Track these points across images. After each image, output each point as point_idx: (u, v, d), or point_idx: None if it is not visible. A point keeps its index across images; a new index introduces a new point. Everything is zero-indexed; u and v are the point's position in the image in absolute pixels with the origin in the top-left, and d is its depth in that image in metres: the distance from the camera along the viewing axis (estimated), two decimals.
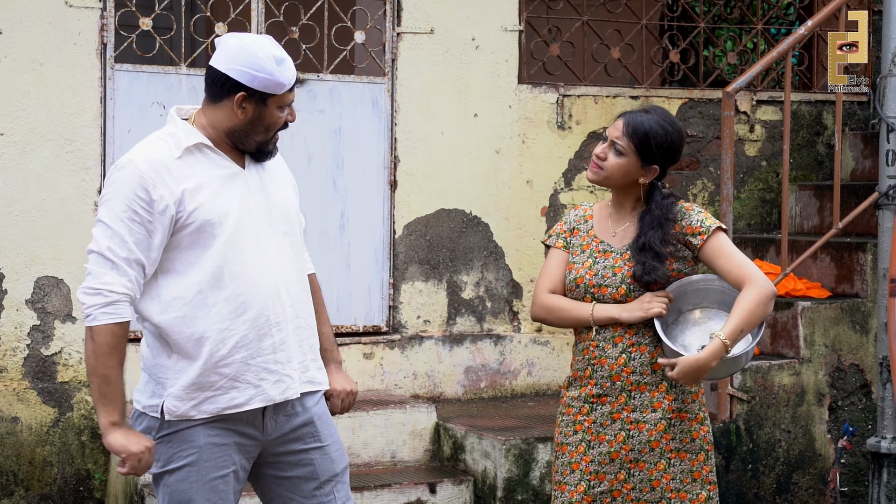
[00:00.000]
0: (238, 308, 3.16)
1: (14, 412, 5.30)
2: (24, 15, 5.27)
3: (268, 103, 3.18)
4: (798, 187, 6.55)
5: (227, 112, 3.19)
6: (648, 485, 3.48)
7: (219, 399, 3.18)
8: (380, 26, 5.89)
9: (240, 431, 3.23)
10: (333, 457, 3.37)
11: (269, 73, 3.13)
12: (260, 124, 3.20)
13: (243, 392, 3.19)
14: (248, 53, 3.13)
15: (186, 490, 3.18)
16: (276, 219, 3.30)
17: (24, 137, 5.29)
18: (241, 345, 3.17)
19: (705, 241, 3.50)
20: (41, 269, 5.33)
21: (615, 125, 3.52)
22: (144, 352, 3.32)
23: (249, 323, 3.17)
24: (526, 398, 6.04)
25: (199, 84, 5.60)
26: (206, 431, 3.19)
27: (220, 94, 3.18)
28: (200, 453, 3.18)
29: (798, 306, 5.65)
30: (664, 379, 3.50)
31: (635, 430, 3.49)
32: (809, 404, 5.63)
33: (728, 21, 6.91)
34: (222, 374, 3.17)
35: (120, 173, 3.19)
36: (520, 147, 6.08)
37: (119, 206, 3.17)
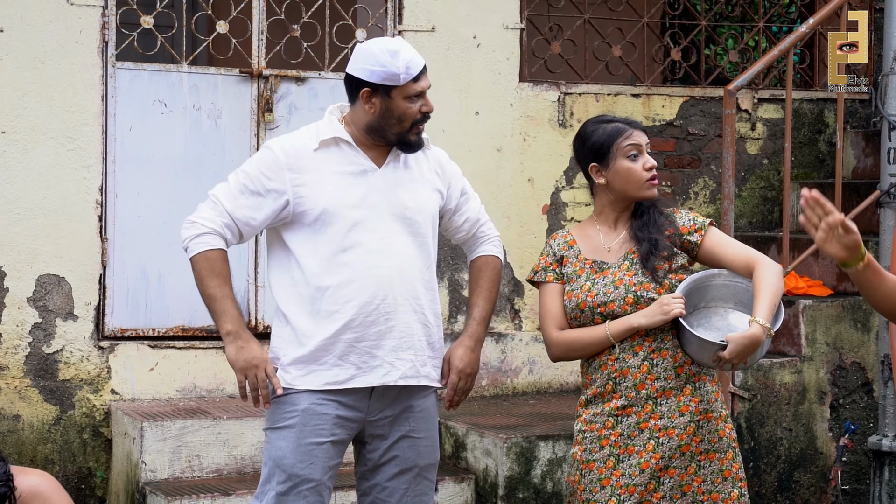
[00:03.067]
0: (348, 294, 3.39)
1: (16, 410, 5.30)
2: (25, 13, 5.27)
3: (392, 95, 3.40)
4: (799, 185, 6.54)
5: (360, 110, 3.44)
6: (679, 491, 3.45)
7: (322, 374, 3.40)
8: (381, 24, 5.89)
9: (344, 404, 3.42)
10: (421, 450, 3.53)
11: (382, 65, 3.37)
12: (391, 116, 3.42)
13: (345, 371, 3.41)
14: (366, 52, 3.43)
15: (283, 448, 3.40)
16: (401, 217, 3.46)
17: (25, 135, 5.29)
18: (348, 327, 3.40)
19: (703, 236, 3.51)
20: (43, 266, 5.33)
21: (636, 135, 3.54)
22: (273, 322, 3.56)
23: (358, 308, 3.39)
24: (527, 396, 6.04)
25: (200, 82, 5.62)
26: (311, 398, 3.40)
27: (352, 95, 3.46)
28: (302, 417, 3.40)
29: (799, 304, 5.65)
30: (688, 382, 3.48)
31: (664, 436, 3.45)
32: (811, 402, 5.63)
33: (729, 19, 6.91)
34: (328, 352, 3.40)
35: (261, 151, 3.51)
36: (521, 145, 6.08)
37: (245, 175, 3.46)
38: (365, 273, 3.39)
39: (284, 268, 3.45)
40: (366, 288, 3.39)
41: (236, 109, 5.63)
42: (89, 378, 5.40)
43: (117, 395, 5.43)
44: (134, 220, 5.47)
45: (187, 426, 5.05)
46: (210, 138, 5.59)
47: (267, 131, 5.66)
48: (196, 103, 5.57)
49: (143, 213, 5.48)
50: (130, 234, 5.47)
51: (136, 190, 5.48)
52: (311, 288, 3.40)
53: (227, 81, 5.63)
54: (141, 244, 5.48)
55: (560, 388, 6.12)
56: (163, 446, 5.00)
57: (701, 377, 3.52)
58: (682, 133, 6.43)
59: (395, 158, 3.49)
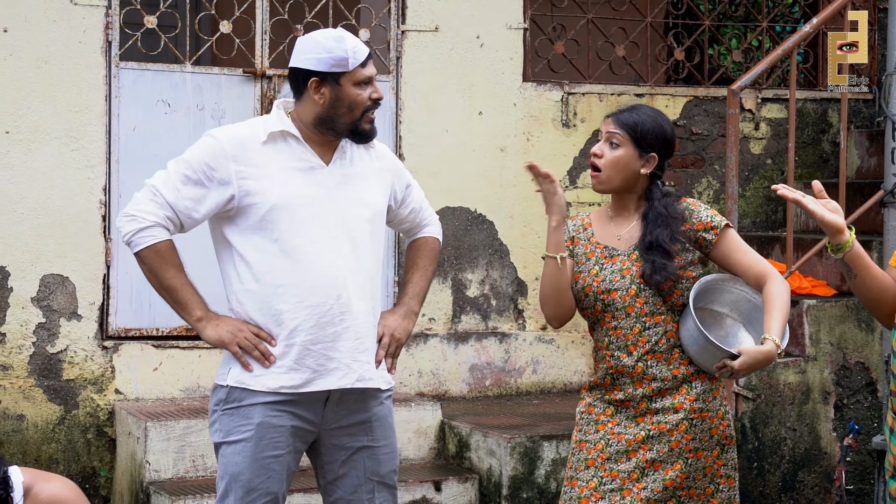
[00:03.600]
0: (300, 294, 3.31)
1: (20, 410, 5.30)
2: (29, 13, 5.28)
3: (341, 82, 3.31)
4: (803, 185, 6.53)
5: (309, 103, 3.33)
6: (661, 485, 3.45)
7: (279, 377, 3.31)
8: (384, 24, 5.89)
9: (298, 415, 3.34)
10: (381, 458, 3.47)
11: (329, 51, 3.28)
12: (341, 105, 3.32)
13: (301, 374, 3.32)
14: (309, 41, 3.34)
15: (239, 464, 3.31)
16: (349, 217, 3.39)
17: (29, 135, 5.29)
18: (301, 329, 3.31)
19: (718, 236, 3.48)
20: (46, 266, 5.33)
21: (606, 122, 3.56)
22: None
23: (310, 310, 3.31)
24: (531, 396, 6.04)
25: (203, 82, 5.62)
26: (265, 411, 3.31)
27: (299, 88, 3.35)
28: (257, 430, 3.31)
29: (803, 304, 5.65)
30: (685, 381, 3.48)
31: (656, 430, 3.47)
32: (815, 402, 5.63)
33: (733, 19, 6.90)
34: (284, 355, 3.32)
35: (203, 139, 3.41)
36: (524, 145, 6.08)
37: (186, 163, 3.39)
38: (317, 272, 3.30)
39: (230, 264, 3.36)
40: (319, 288, 3.30)
41: (240, 109, 5.63)
42: (93, 378, 5.40)
43: (121, 395, 5.43)
44: None
45: (191, 426, 5.05)
46: None
47: None
48: (199, 103, 5.57)
49: None
50: None
51: (139, 190, 5.46)
52: (261, 286, 3.31)
53: (230, 81, 5.63)
54: None
55: (564, 388, 6.12)
56: (167, 446, 5.00)
57: (699, 376, 3.51)
58: (685, 133, 6.43)
59: (342, 155, 3.41)
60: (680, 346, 3.48)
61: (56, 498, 2.95)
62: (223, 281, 3.40)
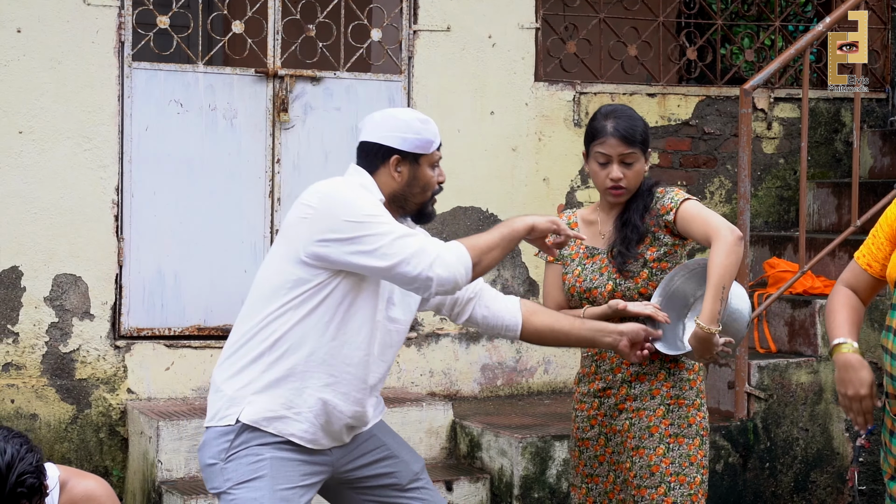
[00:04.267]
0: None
1: (33, 409, 5.32)
2: (42, 13, 5.29)
3: (420, 162, 3.37)
4: (816, 185, 6.52)
5: (384, 179, 3.35)
6: (648, 471, 3.55)
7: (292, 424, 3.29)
8: (396, 24, 5.89)
9: (306, 451, 3.31)
10: (407, 459, 3.49)
11: (417, 133, 3.33)
12: (416, 185, 3.37)
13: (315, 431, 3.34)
14: (394, 119, 3.36)
15: (258, 498, 3.23)
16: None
17: (42, 135, 5.31)
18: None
19: (676, 213, 3.53)
20: (59, 266, 5.35)
21: (607, 144, 3.55)
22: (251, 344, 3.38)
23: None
24: (542, 396, 6.04)
25: (215, 82, 5.63)
26: (272, 451, 3.26)
27: (376, 163, 3.36)
28: (270, 466, 3.25)
29: (816, 304, 5.63)
30: (663, 368, 3.58)
31: (636, 416, 3.57)
32: (827, 402, 5.61)
33: (745, 18, 6.89)
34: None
35: (364, 195, 3.28)
36: (536, 145, 6.08)
37: (380, 216, 3.25)
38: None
39: (324, 311, 3.26)
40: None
41: (252, 109, 5.64)
42: (106, 377, 5.42)
43: (133, 395, 5.45)
44: (150, 220, 5.49)
45: (203, 425, 5.05)
46: (225, 138, 5.60)
47: (282, 131, 5.66)
48: (212, 103, 5.58)
49: (159, 213, 5.50)
50: (146, 234, 5.48)
51: (152, 190, 5.49)
52: (342, 344, 3.28)
53: (242, 81, 5.64)
54: (157, 244, 5.49)
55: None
56: (179, 445, 5.01)
57: (678, 365, 3.61)
58: (697, 132, 6.42)
59: (413, 222, 3.48)
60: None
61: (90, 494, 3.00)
62: (281, 305, 3.29)
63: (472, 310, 3.53)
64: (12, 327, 5.29)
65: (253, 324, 3.33)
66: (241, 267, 5.61)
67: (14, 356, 5.30)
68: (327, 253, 3.19)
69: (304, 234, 3.23)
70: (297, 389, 3.25)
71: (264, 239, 5.65)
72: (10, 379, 5.29)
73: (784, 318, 5.77)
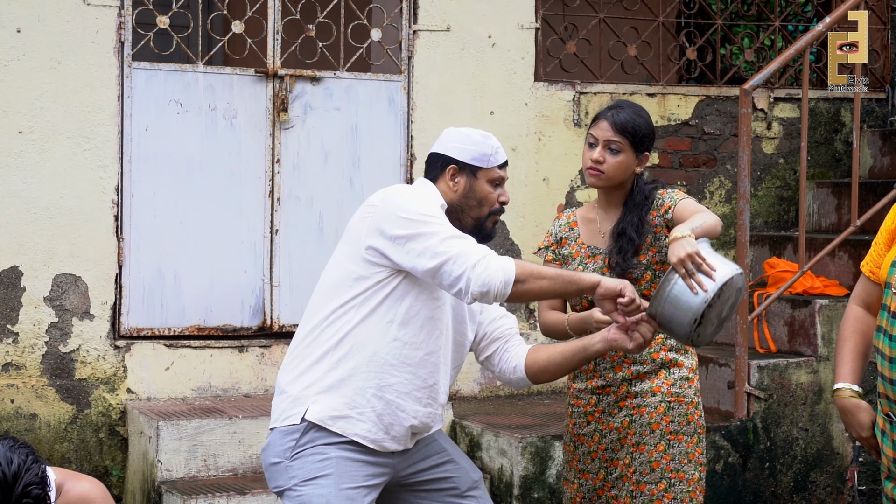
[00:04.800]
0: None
1: (32, 409, 5.32)
2: (42, 13, 5.29)
3: (478, 176, 3.41)
4: (816, 185, 6.53)
5: (442, 188, 3.42)
6: (649, 466, 3.58)
7: (356, 424, 3.33)
8: (396, 24, 5.89)
9: (370, 452, 3.34)
10: (467, 467, 3.53)
11: (475, 144, 3.39)
12: (472, 198, 3.41)
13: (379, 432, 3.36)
14: (457, 132, 3.46)
15: (325, 495, 3.27)
16: (458, 305, 3.47)
17: (42, 135, 5.31)
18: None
19: (673, 210, 3.55)
20: (59, 266, 5.35)
21: (599, 126, 3.61)
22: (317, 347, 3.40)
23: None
24: (542, 396, 6.04)
25: (215, 82, 5.63)
26: (338, 450, 3.29)
27: (436, 173, 3.44)
28: (335, 465, 3.28)
29: (815, 304, 5.63)
30: (663, 367, 3.61)
31: (637, 413, 3.60)
32: (827, 402, 5.61)
33: (745, 18, 6.89)
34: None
35: (427, 195, 3.36)
36: (536, 145, 6.08)
37: (433, 206, 3.32)
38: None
39: (385, 310, 3.31)
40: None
41: (251, 109, 5.64)
42: (105, 377, 5.42)
43: (133, 395, 5.45)
44: (150, 220, 5.49)
45: (203, 425, 5.06)
46: (225, 138, 5.61)
47: (282, 131, 5.67)
48: (211, 103, 5.58)
49: (159, 213, 5.50)
50: (146, 234, 5.48)
51: (151, 190, 5.49)
52: (401, 345, 3.32)
53: (242, 81, 5.64)
54: (157, 244, 5.50)
55: None
56: (178, 445, 5.01)
57: (677, 363, 3.63)
58: (697, 132, 6.42)
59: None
60: (660, 332, 3.52)
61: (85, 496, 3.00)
62: (348, 305, 3.32)
63: (495, 350, 3.55)
64: (12, 327, 5.29)
65: (316, 322, 3.35)
66: (241, 267, 5.61)
67: (14, 356, 5.30)
68: (384, 250, 3.25)
69: (364, 231, 3.29)
70: (360, 389, 3.29)
71: (264, 239, 5.65)
72: (9, 379, 5.29)
73: (784, 318, 5.77)
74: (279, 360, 5.63)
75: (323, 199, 5.74)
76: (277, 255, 5.64)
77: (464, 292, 3.19)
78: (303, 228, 5.70)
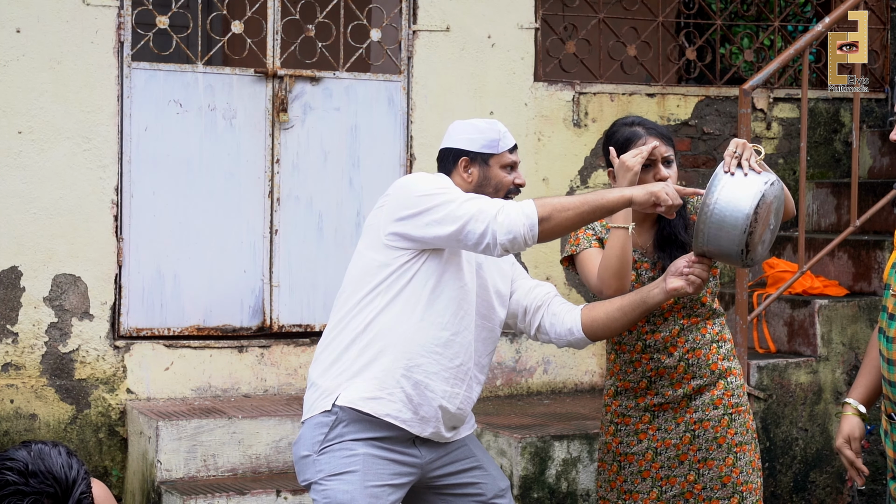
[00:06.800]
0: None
1: (32, 409, 5.32)
2: (41, 13, 5.29)
3: (490, 164, 3.43)
4: (815, 185, 6.53)
5: (458, 180, 3.45)
6: (719, 482, 3.51)
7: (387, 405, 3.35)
8: (396, 24, 5.89)
9: (398, 450, 3.35)
10: (495, 475, 3.53)
11: (482, 132, 3.42)
12: (488, 185, 3.44)
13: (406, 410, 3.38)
14: (463, 124, 3.50)
15: (349, 491, 3.28)
16: (484, 287, 3.49)
17: (42, 135, 5.31)
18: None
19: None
20: (59, 266, 5.35)
21: (650, 143, 3.47)
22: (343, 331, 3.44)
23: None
24: (542, 396, 6.04)
25: (215, 82, 5.63)
26: (365, 447, 3.31)
27: (448, 168, 3.47)
28: (362, 462, 3.30)
29: (815, 304, 5.64)
30: (721, 377, 3.54)
31: (700, 429, 3.52)
32: (827, 402, 5.62)
33: (745, 18, 6.89)
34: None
35: (445, 180, 3.42)
36: (536, 145, 6.08)
37: (446, 181, 3.40)
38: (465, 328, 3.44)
39: (410, 292, 3.34)
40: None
41: (251, 109, 5.64)
42: (105, 377, 5.42)
43: (133, 395, 5.45)
44: (149, 220, 5.49)
45: (202, 425, 5.06)
46: (225, 138, 5.61)
47: (282, 131, 5.67)
48: (211, 103, 5.58)
49: (159, 213, 5.50)
50: (146, 234, 5.48)
51: (151, 190, 5.50)
52: (433, 327, 3.35)
53: (241, 81, 5.64)
54: (156, 244, 5.50)
55: (575, 388, 6.12)
56: (178, 445, 5.01)
57: (731, 371, 3.57)
58: (697, 132, 6.42)
59: None
60: (716, 341, 3.51)
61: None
62: (371, 289, 3.36)
63: (542, 318, 3.54)
64: (12, 327, 5.30)
65: (343, 314, 3.39)
66: (240, 267, 5.62)
67: (13, 356, 5.30)
68: (406, 230, 3.28)
69: (383, 219, 3.33)
70: (389, 371, 3.31)
71: (264, 239, 5.65)
72: (9, 379, 5.29)
73: (783, 318, 5.78)
74: (279, 360, 5.64)
75: (323, 199, 5.74)
76: (277, 255, 5.64)
77: (492, 246, 3.20)
78: (302, 228, 5.70)
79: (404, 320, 3.31)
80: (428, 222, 3.25)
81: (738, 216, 3.17)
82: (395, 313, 3.31)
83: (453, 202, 3.25)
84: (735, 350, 3.69)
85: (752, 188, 3.16)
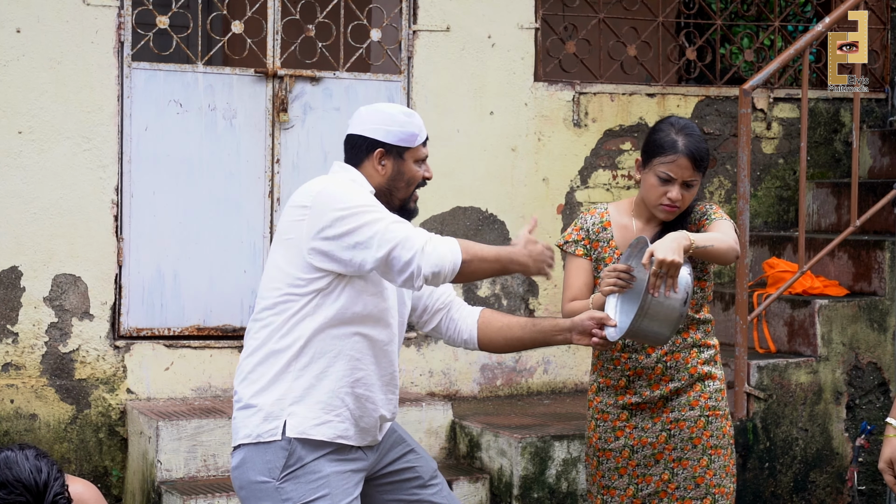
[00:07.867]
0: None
1: (32, 409, 5.32)
2: (42, 13, 5.29)
3: (405, 157, 3.34)
4: (815, 185, 6.53)
5: (369, 172, 3.35)
6: (693, 482, 3.53)
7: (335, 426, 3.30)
8: (396, 24, 5.89)
9: (351, 458, 3.32)
10: (426, 456, 3.52)
11: (401, 125, 3.32)
12: (400, 179, 3.34)
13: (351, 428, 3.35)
14: (379, 112, 3.37)
15: None
16: (402, 293, 3.45)
17: (42, 135, 5.31)
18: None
19: (708, 227, 3.51)
20: (59, 266, 5.35)
21: (678, 164, 3.46)
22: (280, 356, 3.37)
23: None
24: (542, 396, 6.04)
25: (215, 82, 5.63)
26: (329, 464, 3.26)
27: (360, 156, 3.35)
28: (330, 483, 3.25)
29: (815, 304, 5.64)
30: (699, 380, 3.55)
31: (676, 428, 3.54)
32: (827, 402, 5.61)
33: (745, 18, 6.89)
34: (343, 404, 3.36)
35: (358, 188, 3.29)
36: (536, 145, 6.08)
37: (365, 196, 3.27)
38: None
39: (342, 309, 3.27)
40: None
41: (251, 109, 5.64)
42: (105, 377, 5.42)
43: (133, 395, 5.45)
44: (149, 220, 5.49)
45: (203, 425, 5.06)
46: (225, 138, 5.61)
47: (282, 131, 5.67)
48: (211, 103, 5.58)
49: (159, 213, 5.50)
50: (146, 234, 5.48)
51: (151, 190, 5.49)
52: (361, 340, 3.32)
53: (241, 81, 5.64)
54: (156, 244, 5.50)
55: (575, 388, 6.11)
56: (178, 445, 5.01)
57: (711, 376, 3.57)
58: None
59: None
60: (698, 346, 3.53)
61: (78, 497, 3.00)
62: (300, 312, 3.28)
63: (440, 321, 3.53)
64: (12, 327, 5.29)
65: (270, 331, 3.28)
66: (240, 267, 5.61)
67: (14, 356, 5.30)
68: (329, 249, 3.18)
69: (304, 235, 3.22)
70: (333, 391, 3.26)
71: (264, 239, 5.65)
72: (9, 379, 5.29)
73: (783, 319, 5.78)
74: None
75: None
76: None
77: (415, 276, 3.13)
78: None
79: (341, 338, 3.24)
80: (354, 244, 3.15)
81: (673, 312, 3.25)
82: (329, 331, 3.24)
83: (378, 223, 3.15)
84: (719, 356, 3.67)
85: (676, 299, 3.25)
